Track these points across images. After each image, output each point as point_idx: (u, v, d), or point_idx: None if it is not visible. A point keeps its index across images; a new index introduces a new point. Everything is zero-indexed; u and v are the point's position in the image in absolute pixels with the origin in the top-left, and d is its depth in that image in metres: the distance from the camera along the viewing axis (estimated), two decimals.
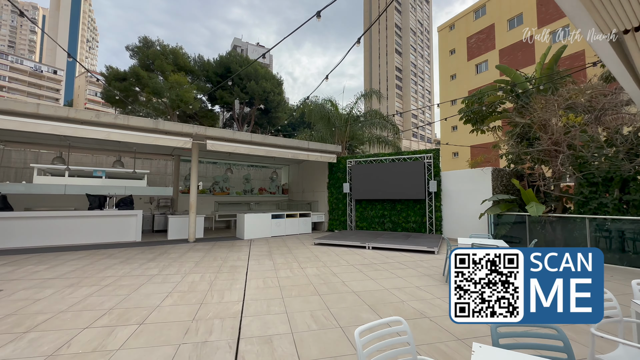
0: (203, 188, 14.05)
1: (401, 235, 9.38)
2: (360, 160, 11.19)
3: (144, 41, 31.21)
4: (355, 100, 13.46)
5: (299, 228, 11.16)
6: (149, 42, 31.37)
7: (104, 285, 4.54)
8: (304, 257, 6.84)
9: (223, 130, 8.89)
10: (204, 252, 7.33)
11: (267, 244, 8.83)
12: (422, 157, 10.15)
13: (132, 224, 9.07)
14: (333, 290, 4.42)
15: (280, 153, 10.00)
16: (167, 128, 7.93)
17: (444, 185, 9.79)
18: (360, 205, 11.18)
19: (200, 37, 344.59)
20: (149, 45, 31.27)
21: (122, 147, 10.42)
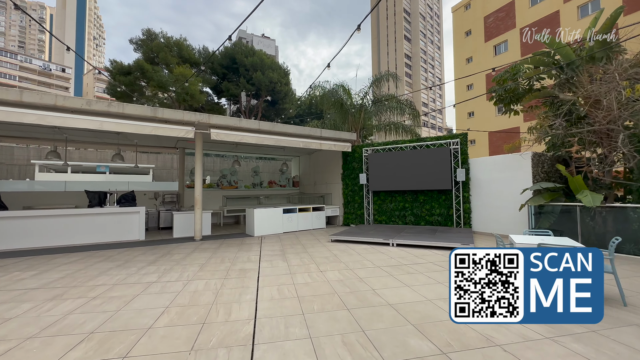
0: (210, 182, 13.40)
1: (426, 229, 8.50)
2: (378, 149, 10.27)
3: (147, 34, 30.53)
4: (369, 85, 12.45)
5: (312, 223, 10.39)
6: (153, 35, 30.68)
7: (92, 297, 3.85)
8: (321, 257, 6.06)
9: (228, 118, 8.10)
10: (211, 252, 6.63)
11: (279, 241, 8.09)
12: (447, 143, 9.16)
13: (134, 222, 8.45)
14: (364, 302, 3.62)
15: (290, 142, 9.17)
16: (166, 116, 7.18)
17: (473, 173, 8.81)
18: (379, 197, 10.30)
19: (205, 32, 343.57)
20: (152, 38, 30.59)
21: (122, 140, 9.77)
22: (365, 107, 12.35)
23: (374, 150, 10.34)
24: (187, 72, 29.32)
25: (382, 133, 13.08)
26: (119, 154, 9.21)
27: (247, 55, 33.95)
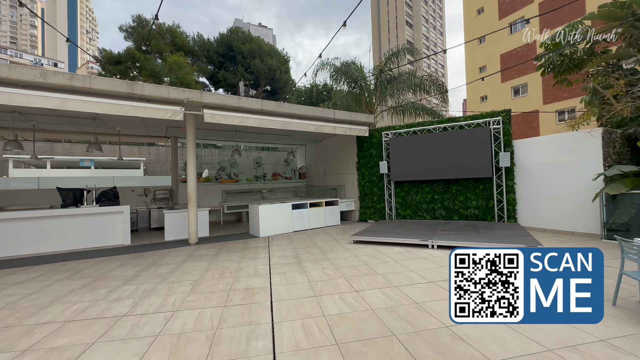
0: (208, 175, 12.02)
1: (464, 225, 7.15)
2: (401, 132, 8.84)
3: (137, 20, 28.74)
4: (384, 61, 10.93)
5: (326, 220, 9.05)
6: (144, 22, 28.90)
7: (20, 350, 2.51)
8: (349, 267, 4.71)
9: (225, 96, 6.67)
10: (208, 262, 5.30)
11: (290, 243, 6.76)
12: (486, 122, 7.72)
13: (117, 224, 7.12)
14: (444, 352, 2.27)
15: (299, 125, 7.75)
16: (147, 93, 5.76)
17: (519, 157, 7.40)
18: (402, 188, 8.93)
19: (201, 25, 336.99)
20: (143, 25, 28.83)
21: (100, 128, 8.35)
22: (381, 85, 10.85)
23: (395, 134, 8.90)
24: (181, 60, 27.67)
25: (398, 117, 11.62)
26: (97, 144, 7.80)
27: (244, 42, 32.19)
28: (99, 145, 7.88)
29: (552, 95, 20.54)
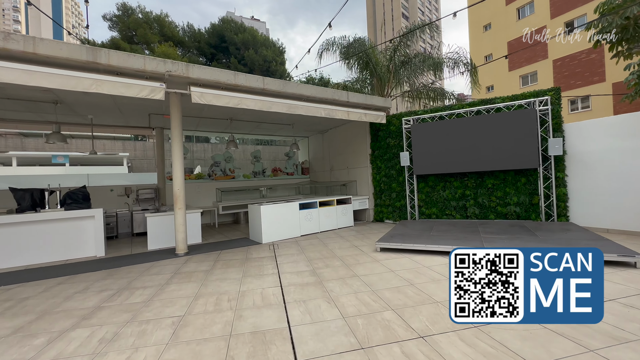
0: (200, 172, 10.68)
1: (508, 226, 5.98)
2: (425, 117, 7.60)
3: (123, 8, 26.94)
4: (398, 39, 9.65)
5: (338, 221, 7.81)
6: (129, 10, 27.11)
7: None
8: (390, 289, 3.48)
9: (217, 70, 5.35)
10: (199, 282, 4.03)
11: (301, 252, 5.51)
12: (530, 103, 6.53)
13: (87, 231, 5.80)
14: None
15: (309, 110, 6.47)
16: (115, 63, 4.42)
17: (571, 144, 6.23)
18: (426, 183, 7.72)
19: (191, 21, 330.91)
20: (129, 14, 27.06)
21: (65, 116, 6.95)
22: (395, 67, 9.58)
23: (418, 119, 7.67)
24: (170, 51, 26.03)
25: (413, 104, 10.38)
26: (58, 133, 6.41)
27: (237, 32, 30.55)
28: (62, 136, 6.49)
29: (564, 83, 19.51)
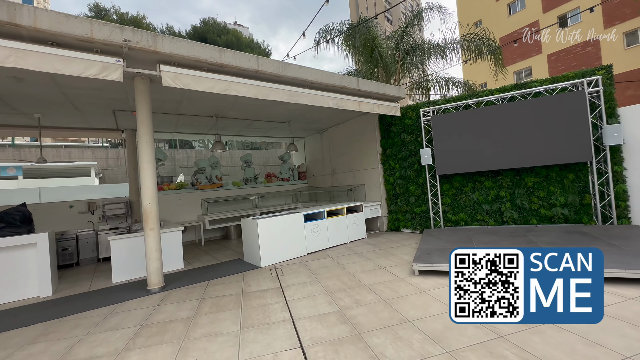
0: (183, 181, 9.21)
1: (563, 232, 4.88)
2: (448, 107, 6.49)
3: (95, 9, 25.18)
4: (405, 24, 8.63)
5: (349, 233, 6.56)
6: (102, 11, 25.35)
7: None
8: (471, 347, 2.24)
9: (197, 45, 4.03)
10: (176, 343, 2.67)
11: (315, 280, 4.20)
12: (575, 85, 5.51)
13: (28, 264, 4.33)
14: None
15: (314, 99, 5.24)
16: (44, 27, 3.05)
17: (630, 132, 5.24)
18: (451, 184, 6.58)
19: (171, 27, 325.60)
20: (102, 14, 25.28)
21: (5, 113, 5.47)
22: (402, 54, 8.50)
23: (438, 110, 6.54)
24: None
25: (423, 94, 9.35)
26: None
27: (220, 34, 29.15)
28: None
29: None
